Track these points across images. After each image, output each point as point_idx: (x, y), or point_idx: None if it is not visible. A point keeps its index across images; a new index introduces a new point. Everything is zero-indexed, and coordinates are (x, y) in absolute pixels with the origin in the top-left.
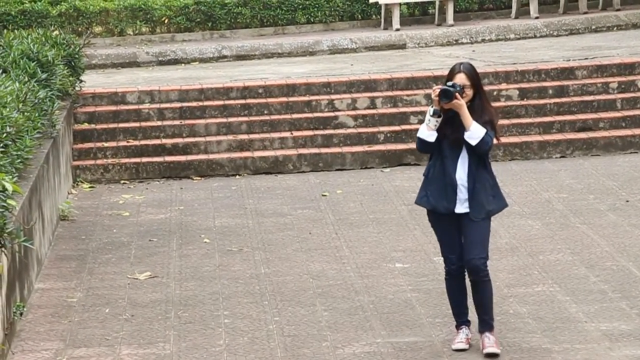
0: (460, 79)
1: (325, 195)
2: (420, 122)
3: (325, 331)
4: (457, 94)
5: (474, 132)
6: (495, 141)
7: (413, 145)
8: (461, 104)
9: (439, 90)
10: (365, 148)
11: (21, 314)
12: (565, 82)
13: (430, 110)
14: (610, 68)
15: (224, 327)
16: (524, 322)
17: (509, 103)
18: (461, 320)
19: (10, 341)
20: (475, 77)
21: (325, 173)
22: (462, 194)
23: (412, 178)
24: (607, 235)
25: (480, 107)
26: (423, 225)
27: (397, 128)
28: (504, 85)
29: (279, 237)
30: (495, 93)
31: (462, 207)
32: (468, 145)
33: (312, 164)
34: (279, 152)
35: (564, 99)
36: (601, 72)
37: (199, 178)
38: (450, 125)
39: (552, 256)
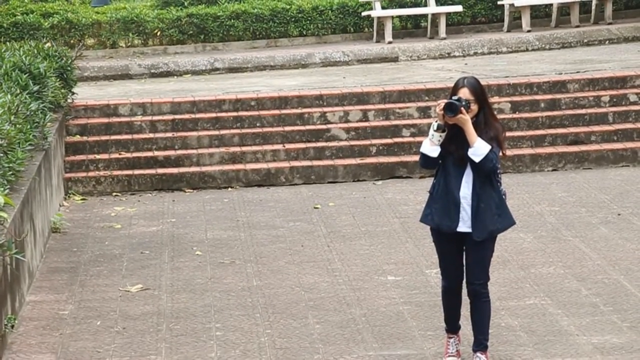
0: (464, 93)
1: (317, 208)
2: (413, 134)
3: (317, 344)
4: (462, 108)
5: (478, 149)
6: (501, 154)
7: (405, 158)
8: (466, 119)
9: (443, 104)
10: (358, 161)
11: (12, 326)
12: (557, 96)
13: (434, 124)
14: (602, 81)
15: (215, 339)
16: (515, 335)
17: (501, 116)
18: (452, 327)
19: (1, 354)
20: (479, 92)
21: (318, 185)
22: (466, 212)
23: (404, 191)
24: (598, 249)
25: (484, 122)
26: (415, 237)
27: (389, 141)
28: (496, 99)
29: (271, 249)
30: None
31: (464, 227)
32: (472, 163)
33: (304, 177)
34: (271, 165)
35: (555, 112)
36: (593, 85)
37: (191, 190)
38: (455, 141)
39: (544, 269)
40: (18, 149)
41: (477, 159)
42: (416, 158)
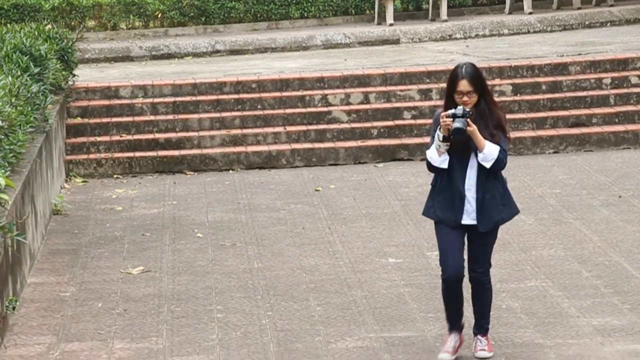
0: (464, 85)
1: (318, 190)
2: (414, 117)
3: (318, 326)
4: (468, 120)
5: (489, 155)
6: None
7: (406, 141)
8: (472, 130)
9: (451, 126)
10: (359, 143)
11: (14, 308)
12: (558, 78)
13: (439, 135)
14: (604, 64)
15: (216, 321)
16: (516, 317)
17: (503, 98)
18: (455, 325)
19: (3, 335)
20: (478, 81)
21: (319, 168)
22: (471, 205)
23: (405, 173)
24: (599, 231)
25: (486, 111)
26: (416, 220)
27: (390, 123)
28: (497, 81)
29: (272, 232)
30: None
31: (469, 219)
32: (477, 155)
33: (305, 159)
34: (272, 147)
35: (557, 95)
36: (594, 67)
37: (192, 173)
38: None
39: (545, 251)
40: (19, 131)
41: (488, 165)
42: (417, 140)
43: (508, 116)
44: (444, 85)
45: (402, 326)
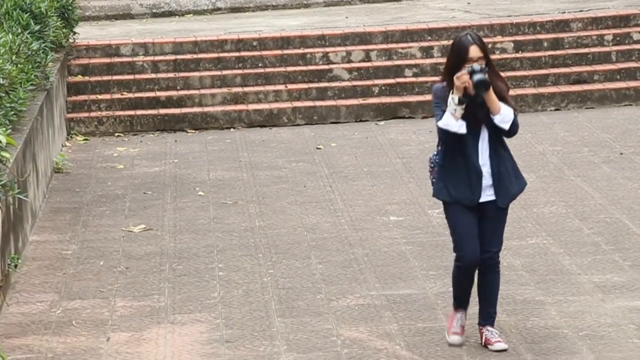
0: (475, 52)
1: (319, 148)
2: (415, 74)
3: (320, 284)
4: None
5: (505, 116)
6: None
7: (408, 98)
8: (489, 88)
9: (471, 81)
10: (360, 101)
11: (16, 266)
12: (560, 35)
13: (454, 98)
14: (606, 20)
15: (218, 279)
16: (517, 274)
17: (504, 56)
18: (463, 304)
19: (5, 293)
20: (485, 48)
21: (320, 126)
22: (487, 180)
23: (406, 131)
24: (600, 188)
25: (493, 80)
26: (417, 178)
27: (391, 81)
28: (498, 38)
29: (274, 190)
30: (490, 46)
31: (486, 195)
32: (489, 126)
33: (306, 117)
34: (274, 105)
35: (558, 52)
36: (596, 24)
37: (194, 131)
38: (469, 108)
39: (546, 209)
40: (20, 88)
41: (506, 126)
42: (419, 98)
43: (509, 73)
44: (446, 42)
45: (403, 284)
